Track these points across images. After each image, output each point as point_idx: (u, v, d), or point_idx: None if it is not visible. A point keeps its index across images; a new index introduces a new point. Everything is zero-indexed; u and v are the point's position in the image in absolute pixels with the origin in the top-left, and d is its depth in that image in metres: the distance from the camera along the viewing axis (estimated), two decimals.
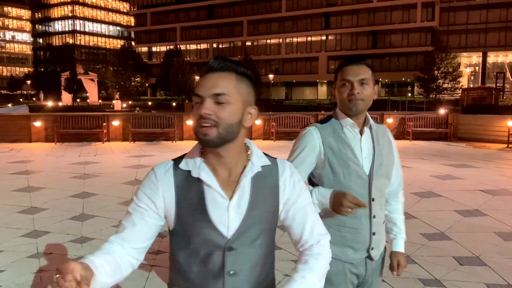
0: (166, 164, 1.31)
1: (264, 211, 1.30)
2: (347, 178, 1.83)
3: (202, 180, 1.25)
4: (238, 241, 1.26)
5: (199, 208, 1.25)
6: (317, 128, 1.89)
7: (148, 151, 12.20)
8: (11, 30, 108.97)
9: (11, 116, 15.54)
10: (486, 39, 54.84)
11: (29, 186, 7.62)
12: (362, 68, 1.84)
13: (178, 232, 1.30)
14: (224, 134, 1.19)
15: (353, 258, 1.86)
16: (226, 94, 1.19)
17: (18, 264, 4.14)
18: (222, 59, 1.23)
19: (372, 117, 1.94)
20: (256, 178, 1.28)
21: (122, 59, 57.27)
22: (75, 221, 5.57)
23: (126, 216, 1.31)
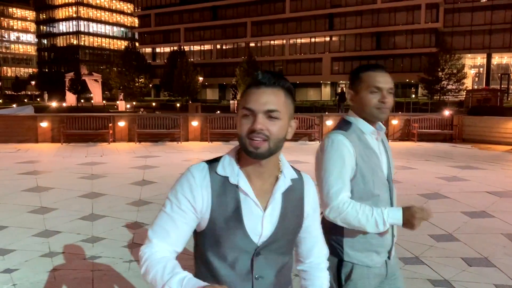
0: (203, 167, 1.33)
1: (292, 222, 1.36)
2: (376, 186, 1.84)
3: (239, 187, 1.29)
4: (266, 249, 1.32)
5: (234, 215, 1.28)
6: (345, 137, 1.83)
7: (154, 152, 12.27)
8: (15, 31, 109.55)
9: (18, 117, 15.66)
10: (490, 40, 54.71)
11: (37, 186, 7.69)
12: (389, 76, 1.85)
13: (208, 235, 1.33)
14: (274, 148, 1.25)
15: (377, 261, 1.90)
16: (278, 111, 1.24)
17: (31, 263, 4.20)
18: (271, 75, 1.27)
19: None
20: (286, 190, 1.34)
21: (126, 60, 57.46)
22: (85, 221, 5.63)
23: (164, 219, 1.31)
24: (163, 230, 1.30)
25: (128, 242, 4.81)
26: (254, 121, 1.22)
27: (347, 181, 1.80)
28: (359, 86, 1.87)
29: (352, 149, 1.81)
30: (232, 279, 1.31)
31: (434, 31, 55.29)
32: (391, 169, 1.94)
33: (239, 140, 1.27)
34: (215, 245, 1.31)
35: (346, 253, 1.89)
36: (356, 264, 1.88)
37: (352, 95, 1.91)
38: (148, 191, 7.34)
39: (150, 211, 6.11)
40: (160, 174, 8.89)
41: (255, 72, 1.29)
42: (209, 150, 12.88)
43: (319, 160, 1.87)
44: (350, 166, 1.81)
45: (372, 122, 1.88)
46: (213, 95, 70.04)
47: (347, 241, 1.89)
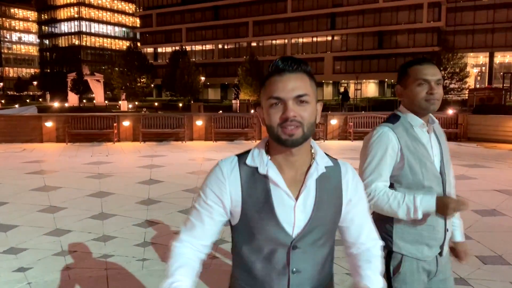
0: (232, 160, 1.32)
1: (328, 212, 1.31)
2: (425, 177, 1.85)
3: (269, 177, 1.26)
4: (302, 241, 1.28)
5: (265, 206, 1.26)
6: (391, 129, 1.88)
7: (160, 151, 12.26)
8: (17, 31, 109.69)
9: (23, 117, 15.66)
10: (493, 39, 54.61)
11: (45, 185, 7.69)
12: (436, 68, 1.87)
13: (242, 228, 1.31)
14: (308, 133, 1.23)
15: (427, 255, 1.88)
16: (307, 94, 1.22)
17: (44, 262, 4.19)
18: (291, 60, 1.24)
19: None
20: (320, 178, 1.29)
21: (128, 60, 57.41)
22: (96, 219, 5.62)
23: (193, 213, 1.35)
24: (191, 224, 1.34)
25: (140, 241, 4.81)
26: (286, 109, 1.20)
27: (384, 172, 1.85)
28: (407, 80, 1.90)
29: (396, 141, 1.85)
30: (268, 272, 1.30)
31: (436, 30, 55.20)
32: (444, 163, 1.93)
33: (269, 130, 1.24)
34: (250, 238, 1.30)
35: (396, 244, 1.88)
36: (406, 256, 1.87)
37: (401, 90, 1.93)
38: (156, 190, 7.33)
39: (160, 209, 6.11)
40: (167, 173, 8.88)
41: (274, 61, 1.26)
42: (214, 149, 12.87)
43: (362, 151, 1.94)
44: (392, 157, 1.85)
45: (422, 114, 1.90)
46: (215, 95, 70.02)
47: (397, 231, 1.88)
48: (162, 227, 5.33)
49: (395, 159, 1.86)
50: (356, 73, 56.43)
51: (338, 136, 15.62)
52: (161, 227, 5.35)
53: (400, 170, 1.86)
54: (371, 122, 15.50)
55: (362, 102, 39.80)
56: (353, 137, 15.12)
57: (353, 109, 31.19)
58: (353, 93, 49.57)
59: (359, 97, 49.61)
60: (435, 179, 1.87)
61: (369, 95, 54.19)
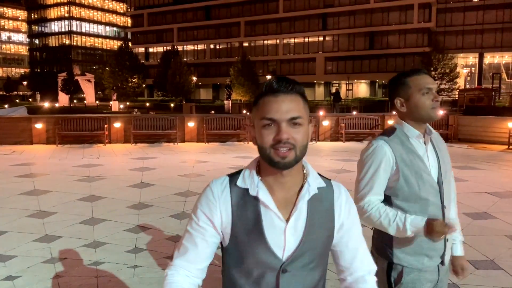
0: (223, 180, 1.30)
1: (320, 235, 1.28)
2: (422, 189, 1.85)
3: (259, 199, 1.24)
4: (292, 264, 1.25)
5: (255, 228, 1.24)
6: (385, 142, 1.89)
7: (151, 153, 12.18)
8: (7, 30, 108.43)
9: (12, 118, 15.47)
10: (482, 40, 55.08)
11: (35, 189, 7.59)
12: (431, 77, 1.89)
13: (231, 250, 1.29)
14: (300, 155, 1.21)
15: (428, 265, 1.88)
16: (301, 117, 1.20)
17: (33, 269, 4.12)
18: (286, 82, 1.22)
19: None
20: (312, 200, 1.26)
21: (119, 59, 57.04)
22: (86, 225, 5.55)
23: (186, 236, 1.32)
24: (184, 248, 1.31)
25: (131, 247, 4.75)
26: (279, 131, 1.18)
27: (377, 186, 1.86)
28: (408, 91, 1.90)
29: (391, 154, 1.86)
30: None
31: (426, 31, 55.54)
32: (442, 174, 1.91)
33: (261, 151, 1.22)
34: (239, 261, 1.28)
35: (396, 255, 1.89)
36: (406, 267, 1.87)
37: (402, 102, 1.92)
38: (148, 193, 7.27)
39: (151, 214, 6.05)
40: (159, 176, 8.82)
41: (268, 81, 1.24)
42: (206, 151, 12.81)
43: (358, 164, 1.96)
44: (386, 171, 1.86)
45: (422, 125, 1.91)
46: (207, 95, 69.83)
47: (397, 243, 1.89)
48: (154, 232, 5.28)
49: (389, 172, 1.87)
50: (347, 74, 56.61)
51: (330, 137, 15.64)
52: (153, 232, 5.30)
53: (396, 183, 1.87)
54: (363, 123, 15.55)
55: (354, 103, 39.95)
56: (345, 138, 15.15)
57: (344, 109, 31.26)
58: (345, 93, 49.77)
59: (350, 98, 49.78)
60: (432, 191, 1.86)
61: (360, 96, 54.42)
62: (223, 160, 10.96)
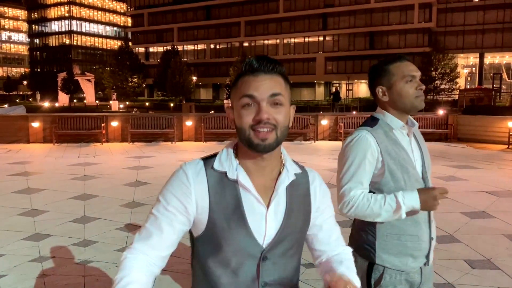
0: (197, 163, 1.22)
1: (298, 220, 1.24)
2: (408, 183, 1.75)
3: (239, 182, 1.17)
4: (273, 251, 1.19)
5: (235, 214, 1.16)
6: (369, 132, 1.77)
7: (148, 152, 12.09)
8: (7, 30, 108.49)
9: (9, 117, 15.39)
10: (483, 40, 54.98)
11: (28, 187, 7.51)
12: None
13: (207, 239, 1.20)
14: (281, 137, 1.15)
15: (412, 266, 1.78)
16: (282, 94, 1.15)
17: (20, 268, 4.04)
18: (267, 60, 1.16)
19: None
20: (290, 186, 1.23)
21: (119, 59, 57.01)
22: (77, 223, 5.47)
23: (151, 219, 1.21)
24: (147, 232, 1.20)
25: (121, 246, 4.66)
26: (259, 110, 1.11)
27: (362, 179, 1.74)
28: (391, 79, 1.78)
29: (376, 146, 1.74)
30: (236, 287, 1.19)
31: (427, 31, 55.46)
32: (426, 167, 1.82)
33: (239, 133, 1.15)
34: (216, 249, 1.18)
35: (379, 256, 1.78)
36: (388, 268, 1.77)
37: (384, 91, 1.81)
38: (142, 192, 7.19)
39: (144, 213, 5.96)
40: (154, 175, 8.73)
41: (247, 59, 1.18)
42: (203, 150, 12.73)
43: (339, 157, 1.83)
44: (371, 163, 1.75)
45: (404, 116, 1.80)
46: (207, 95, 69.77)
47: (380, 243, 1.78)
48: None
49: (374, 165, 1.75)
50: (347, 74, 56.50)
51: (329, 137, 15.56)
52: None
53: (381, 177, 1.76)
54: (361, 122, 15.45)
55: (354, 103, 39.84)
56: (343, 138, 15.06)
57: (344, 109, 31.19)
58: (345, 93, 49.65)
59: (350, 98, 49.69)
60: (417, 185, 1.76)
61: (360, 96, 54.31)
62: None
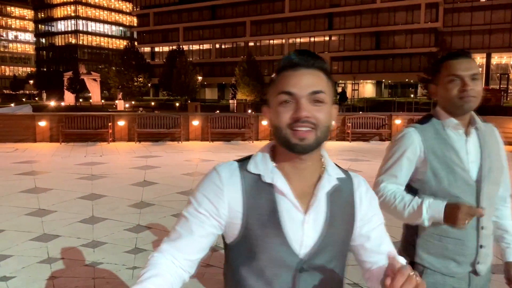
0: (230, 164, 1.14)
1: (341, 229, 1.14)
2: (452, 185, 1.65)
3: (275, 187, 1.08)
4: (311, 263, 1.10)
5: (271, 220, 1.08)
6: (416, 130, 1.72)
7: (155, 152, 12.04)
8: (14, 30, 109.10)
9: (16, 116, 15.40)
10: (490, 40, 54.66)
11: (36, 187, 7.46)
12: (472, 62, 1.67)
13: (240, 246, 1.11)
14: (321, 137, 1.06)
15: (455, 272, 1.69)
16: (323, 92, 1.06)
17: (29, 270, 3.98)
18: (307, 55, 1.08)
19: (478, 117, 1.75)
20: (332, 192, 1.13)
21: (125, 59, 57.17)
22: (86, 224, 5.40)
23: (181, 221, 1.14)
24: (177, 234, 1.13)
25: (130, 247, 4.59)
26: (298, 107, 1.03)
27: (397, 173, 1.72)
28: (438, 78, 1.72)
29: (420, 143, 1.69)
30: None
31: (433, 31, 55.17)
32: (485, 171, 1.68)
33: (276, 132, 1.07)
34: (250, 257, 1.10)
35: (419, 255, 1.73)
36: (428, 269, 1.70)
37: (434, 89, 1.75)
38: (150, 192, 7.12)
39: (153, 213, 5.90)
40: (162, 174, 8.67)
41: (287, 54, 1.09)
42: (210, 150, 12.66)
43: (386, 149, 1.83)
44: (410, 160, 1.71)
45: (458, 114, 1.70)
46: (212, 94, 69.80)
47: (421, 242, 1.73)
48: (155, 232, 5.12)
49: (414, 162, 1.71)
50: (353, 74, 56.37)
51: (336, 137, 15.44)
52: (153, 232, 5.14)
53: (423, 174, 1.69)
54: (369, 123, 15.33)
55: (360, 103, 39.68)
56: (351, 138, 14.94)
57: (350, 109, 31.04)
58: (351, 93, 49.53)
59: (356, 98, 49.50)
60: (466, 188, 1.65)
61: (366, 96, 54.12)
62: (228, 159, 10.74)
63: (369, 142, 14.94)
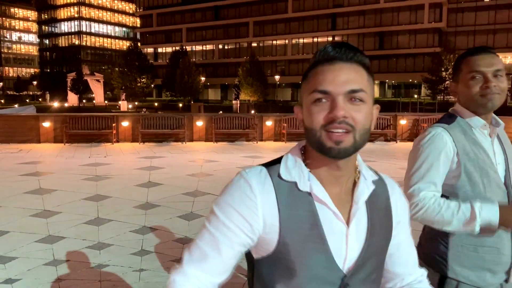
0: (260, 171, 1.00)
1: (381, 238, 1.05)
2: (487, 188, 1.56)
3: (314, 195, 0.97)
4: (354, 277, 0.99)
5: (312, 233, 0.96)
6: (446, 130, 1.61)
7: (159, 152, 11.99)
8: (17, 31, 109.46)
9: (20, 117, 15.39)
10: (494, 40, 54.39)
11: (40, 188, 7.42)
12: (495, 58, 1.59)
13: (276, 261, 0.99)
14: (360, 141, 0.93)
15: (490, 283, 1.60)
16: (363, 91, 0.93)
17: (34, 272, 3.92)
18: (346, 47, 0.95)
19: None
20: (369, 197, 1.02)
21: (128, 60, 57.26)
22: (91, 225, 5.35)
23: (205, 238, 1.00)
24: (201, 253, 0.99)
25: (137, 249, 4.53)
26: (334, 106, 0.91)
27: (435, 179, 1.58)
28: (459, 75, 1.63)
29: (452, 144, 1.58)
30: None
31: (437, 31, 55.00)
32: (510, 172, 1.62)
33: (308, 134, 0.95)
34: (288, 275, 0.98)
35: (452, 269, 1.61)
36: (463, 283, 1.60)
37: (454, 87, 1.67)
38: (155, 193, 7.06)
39: (158, 214, 5.84)
40: (166, 175, 8.62)
41: (323, 47, 0.96)
42: (214, 150, 12.61)
43: (411, 154, 1.67)
44: (445, 163, 1.59)
45: (481, 113, 1.62)
46: (215, 95, 69.80)
47: (454, 254, 1.61)
48: (161, 234, 5.06)
49: (449, 165, 1.59)
50: None
51: None
52: (159, 233, 5.08)
53: (456, 179, 1.59)
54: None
55: None
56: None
57: None
58: None
59: None
60: (499, 192, 1.57)
61: None
62: (232, 160, 10.74)
63: (374, 142, 14.85)
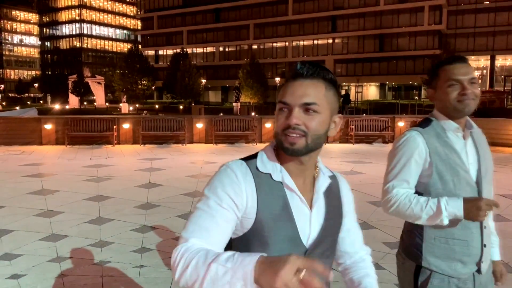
0: (240, 164, 1.21)
1: (335, 221, 1.31)
2: (457, 186, 1.73)
3: (285, 184, 1.20)
4: (314, 252, 1.22)
5: (283, 214, 1.18)
6: (419, 133, 1.78)
7: (159, 154, 12.16)
8: (19, 33, 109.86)
9: (22, 119, 15.56)
10: (494, 42, 54.59)
11: (43, 189, 7.58)
12: (469, 67, 1.75)
13: (251, 239, 1.18)
14: (312, 144, 1.16)
15: (461, 272, 1.75)
16: (316, 104, 1.15)
17: (39, 268, 4.08)
18: (310, 65, 1.18)
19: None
20: (326, 189, 1.29)
21: (129, 62, 57.47)
22: (93, 224, 5.51)
23: (202, 216, 1.13)
24: (202, 228, 1.11)
25: (137, 247, 4.70)
26: (289, 115, 1.15)
27: (407, 178, 1.77)
28: (437, 82, 1.79)
29: (425, 146, 1.75)
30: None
31: (437, 33, 55.14)
32: (482, 172, 1.78)
33: (275, 136, 1.20)
34: (261, 250, 1.16)
35: (426, 259, 1.78)
36: (435, 272, 1.76)
37: (432, 93, 1.83)
38: (155, 194, 7.23)
39: (158, 214, 6.00)
40: (167, 176, 8.78)
41: (295, 64, 1.21)
42: (214, 152, 12.77)
43: (388, 155, 1.87)
44: (418, 163, 1.76)
45: (457, 117, 1.77)
46: (215, 97, 70.00)
47: (427, 246, 1.78)
48: (161, 232, 5.22)
49: (422, 165, 1.76)
50: (357, 76, 56.39)
51: (339, 139, 15.50)
52: (159, 232, 5.24)
53: (429, 178, 1.75)
54: (372, 125, 15.38)
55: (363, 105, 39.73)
56: (354, 141, 15.01)
57: (354, 112, 31.10)
58: (354, 96, 49.56)
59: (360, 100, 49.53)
60: (469, 189, 1.73)
61: (370, 98, 54.15)
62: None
63: (372, 144, 15.00)
